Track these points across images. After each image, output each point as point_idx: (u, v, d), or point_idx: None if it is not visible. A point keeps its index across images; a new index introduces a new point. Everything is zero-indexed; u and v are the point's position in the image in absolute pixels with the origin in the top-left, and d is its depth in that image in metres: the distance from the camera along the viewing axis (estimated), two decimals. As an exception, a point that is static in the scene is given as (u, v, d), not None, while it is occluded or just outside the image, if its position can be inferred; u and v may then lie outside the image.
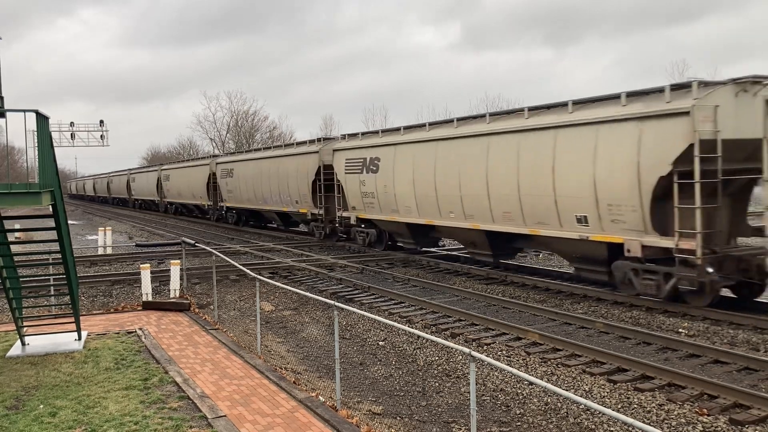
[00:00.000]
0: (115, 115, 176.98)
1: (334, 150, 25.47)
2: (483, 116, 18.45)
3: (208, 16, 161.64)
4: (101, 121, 60.68)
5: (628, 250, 13.88)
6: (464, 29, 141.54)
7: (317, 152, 26.83)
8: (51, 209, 9.41)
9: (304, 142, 30.40)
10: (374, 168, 22.72)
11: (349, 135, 25.84)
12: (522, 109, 17.08)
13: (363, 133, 25.09)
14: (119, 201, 75.33)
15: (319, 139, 28.71)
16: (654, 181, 13.21)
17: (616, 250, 14.42)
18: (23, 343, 11.04)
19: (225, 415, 7.67)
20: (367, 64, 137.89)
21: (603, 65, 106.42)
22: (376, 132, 24.15)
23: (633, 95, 14.05)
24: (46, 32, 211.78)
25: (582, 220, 14.95)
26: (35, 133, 8.88)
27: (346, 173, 24.56)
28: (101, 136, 60.78)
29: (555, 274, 18.52)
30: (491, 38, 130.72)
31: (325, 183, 26.46)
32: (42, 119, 8.77)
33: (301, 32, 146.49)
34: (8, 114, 9.33)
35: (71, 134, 59.48)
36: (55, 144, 9.97)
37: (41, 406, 8.13)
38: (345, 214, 25.27)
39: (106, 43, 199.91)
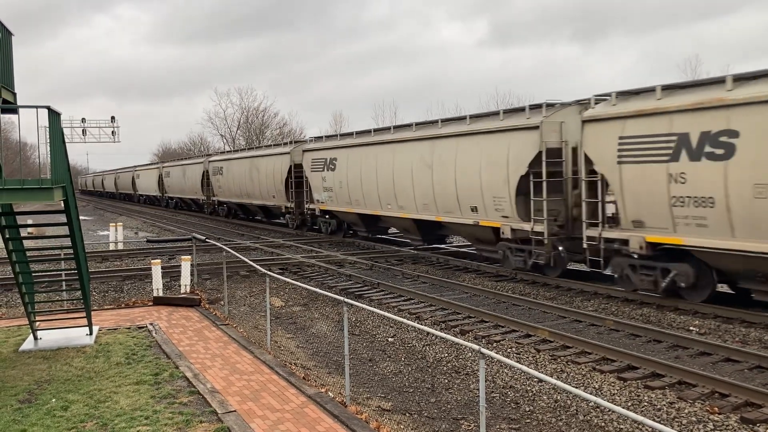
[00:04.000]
0: (137, 111, 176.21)
1: (303, 151, 29.19)
2: (410, 125, 22.06)
3: (240, 12, 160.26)
4: (112, 117, 60.84)
5: (503, 233, 17.32)
6: (492, 25, 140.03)
7: (289, 153, 30.64)
8: (63, 205, 9.48)
9: (279, 144, 35.07)
10: (332, 167, 26.31)
11: (315, 138, 30.01)
12: (436, 121, 20.91)
13: (326, 137, 29.00)
14: (125, 196, 76.18)
15: (291, 141, 33.16)
16: (517, 179, 16.61)
17: (499, 232, 17.69)
18: (36, 338, 11.14)
19: (235, 410, 7.71)
20: (391, 60, 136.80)
21: (629, 61, 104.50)
22: (336, 136, 27.93)
23: (508, 112, 17.85)
24: (79, 28, 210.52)
25: (474, 209, 18.46)
26: (47, 129, 8.94)
27: (311, 171, 28.15)
28: (112, 132, 61.02)
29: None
30: (519, 34, 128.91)
31: (296, 180, 29.94)
32: (54, 115, 8.83)
33: (328, 28, 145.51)
34: (21, 110, 9.42)
35: (83, 130, 59.74)
36: (66, 140, 10.03)
37: (53, 400, 8.21)
38: (311, 206, 28.75)
39: (138, 39, 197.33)
